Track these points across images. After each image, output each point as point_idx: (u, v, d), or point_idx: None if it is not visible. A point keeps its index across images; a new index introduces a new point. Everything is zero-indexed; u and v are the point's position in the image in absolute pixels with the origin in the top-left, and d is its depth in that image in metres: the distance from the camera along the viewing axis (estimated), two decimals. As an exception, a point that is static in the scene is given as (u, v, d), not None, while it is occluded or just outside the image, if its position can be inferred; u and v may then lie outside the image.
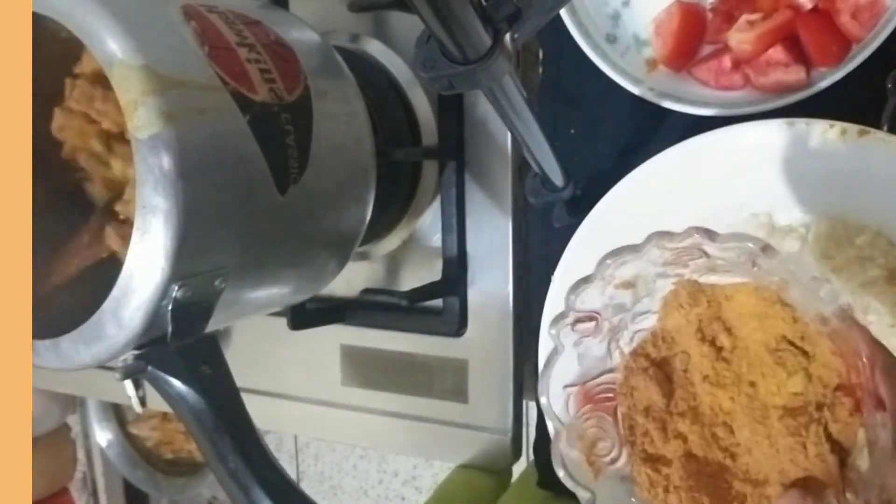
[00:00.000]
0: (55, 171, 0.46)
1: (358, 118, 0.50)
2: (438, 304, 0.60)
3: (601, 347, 0.36)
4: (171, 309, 0.38)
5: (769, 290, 0.33)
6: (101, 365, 0.39)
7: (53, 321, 0.40)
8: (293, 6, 0.54)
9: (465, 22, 0.28)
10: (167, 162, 0.36)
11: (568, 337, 0.35)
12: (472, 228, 0.59)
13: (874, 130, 0.38)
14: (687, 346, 0.36)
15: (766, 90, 0.46)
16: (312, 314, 0.61)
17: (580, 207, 0.47)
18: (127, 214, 0.44)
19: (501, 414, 0.60)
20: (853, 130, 0.38)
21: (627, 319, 0.36)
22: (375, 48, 0.60)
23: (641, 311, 0.37)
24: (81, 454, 1.45)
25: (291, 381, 0.68)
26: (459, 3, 0.27)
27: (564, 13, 0.49)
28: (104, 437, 1.44)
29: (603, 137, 0.53)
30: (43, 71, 0.42)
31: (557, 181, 0.46)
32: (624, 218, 0.45)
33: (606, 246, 0.46)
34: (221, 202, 0.39)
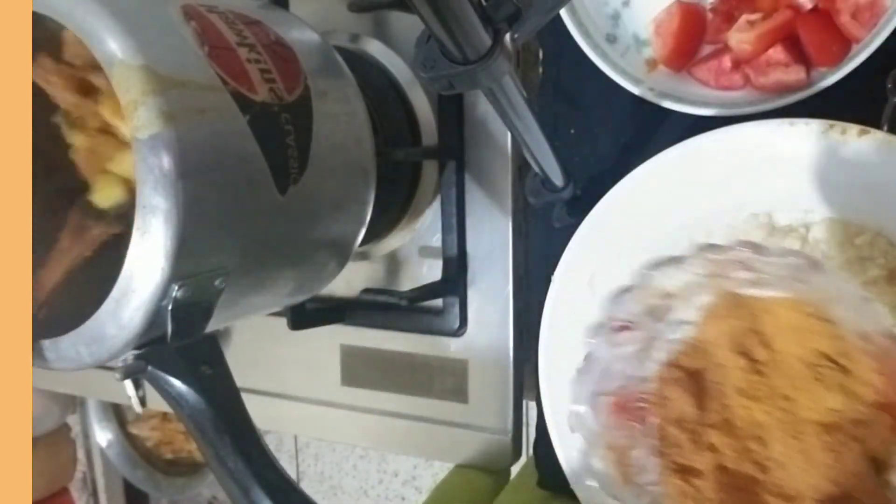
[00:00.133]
0: (56, 170, 0.46)
1: (358, 118, 0.50)
2: (438, 304, 0.60)
3: (635, 357, 0.36)
4: (171, 309, 0.38)
5: (810, 305, 0.33)
6: (101, 365, 0.39)
7: (53, 321, 0.40)
8: (293, 6, 0.54)
9: (465, 22, 0.28)
10: (167, 162, 0.36)
11: (603, 346, 0.35)
12: (472, 228, 0.59)
13: (874, 130, 0.38)
14: (722, 357, 0.36)
15: (766, 90, 0.46)
16: (312, 314, 0.61)
17: (580, 207, 0.47)
18: (100, 204, 0.43)
19: (501, 414, 0.60)
20: (853, 130, 0.38)
21: (663, 330, 0.36)
22: (375, 48, 0.60)
23: (678, 321, 0.36)
24: (81, 454, 1.45)
25: (291, 381, 0.68)
26: (459, 3, 0.27)
27: (564, 13, 0.49)
28: (104, 437, 1.44)
29: (603, 137, 0.53)
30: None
31: (557, 181, 0.46)
32: (624, 218, 0.45)
33: (607, 246, 0.46)
34: (221, 202, 0.39)
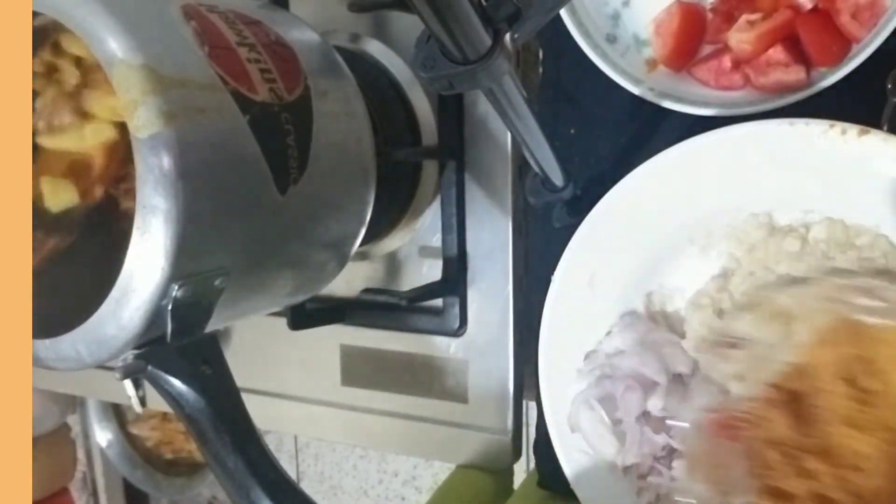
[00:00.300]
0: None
1: (358, 118, 0.50)
2: (438, 304, 0.60)
3: (740, 374, 0.36)
4: (171, 309, 0.38)
5: None
6: (100, 365, 0.39)
7: (53, 321, 0.40)
8: (293, 6, 0.54)
9: (465, 22, 0.28)
10: (167, 162, 0.36)
11: (711, 361, 0.34)
12: (472, 228, 0.59)
13: (874, 130, 0.38)
14: (828, 383, 0.35)
15: (766, 90, 0.46)
16: (312, 314, 0.61)
17: (580, 207, 0.47)
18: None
19: (501, 414, 0.60)
20: (853, 130, 0.38)
21: (773, 349, 0.36)
22: (375, 48, 0.60)
23: (789, 342, 0.36)
24: (81, 454, 1.45)
25: (291, 381, 0.68)
26: (459, 3, 0.27)
27: (564, 13, 0.49)
28: (104, 437, 1.44)
29: (603, 137, 0.53)
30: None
31: (557, 181, 0.46)
32: (624, 218, 0.45)
33: (607, 246, 0.46)
34: (221, 202, 0.39)
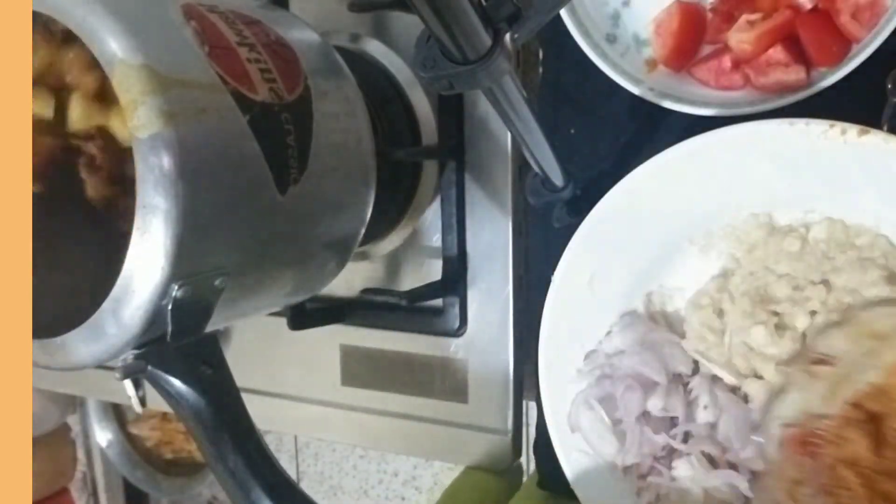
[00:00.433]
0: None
1: (358, 118, 0.50)
2: (438, 304, 0.60)
3: (822, 391, 0.36)
4: (171, 309, 0.38)
5: None
6: (101, 365, 0.39)
7: (53, 321, 0.40)
8: (293, 6, 0.54)
9: (465, 22, 0.28)
10: (167, 162, 0.36)
11: (795, 376, 0.34)
12: (472, 228, 0.59)
13: (874, 130, 0.38)
14: None
15: (766, 90, 0.46)
16: (312, 314, 0.61)
17: (580, 207, 0.47)
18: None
19: (501, 414, 0.60)
20: (853, 130, 0.38)
21: (857, 368, 0.36)
22: (375, 48, 0.60)
23: (874, 362, 0.36)
24: (81, 454, 1.45)
25: (291, 381, 0.68)
26: (459, 3, 0.27)
27: (564, 13, 0.49)
28: (104, 437, 1.44)
29: (603, 137, 0.53)
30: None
31: (557, 181, 0.46)
32: (624, 218, 0.45)
33: (607, 246, 0.46)
34: (221, 202, 0.39)
